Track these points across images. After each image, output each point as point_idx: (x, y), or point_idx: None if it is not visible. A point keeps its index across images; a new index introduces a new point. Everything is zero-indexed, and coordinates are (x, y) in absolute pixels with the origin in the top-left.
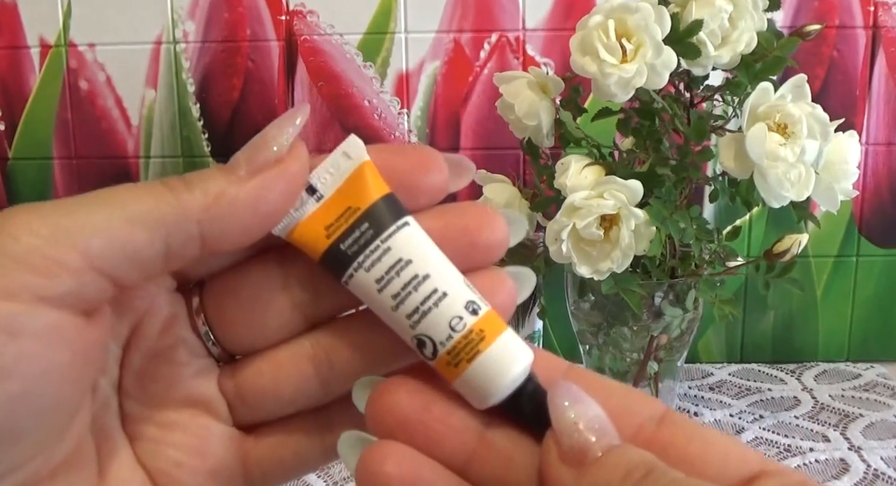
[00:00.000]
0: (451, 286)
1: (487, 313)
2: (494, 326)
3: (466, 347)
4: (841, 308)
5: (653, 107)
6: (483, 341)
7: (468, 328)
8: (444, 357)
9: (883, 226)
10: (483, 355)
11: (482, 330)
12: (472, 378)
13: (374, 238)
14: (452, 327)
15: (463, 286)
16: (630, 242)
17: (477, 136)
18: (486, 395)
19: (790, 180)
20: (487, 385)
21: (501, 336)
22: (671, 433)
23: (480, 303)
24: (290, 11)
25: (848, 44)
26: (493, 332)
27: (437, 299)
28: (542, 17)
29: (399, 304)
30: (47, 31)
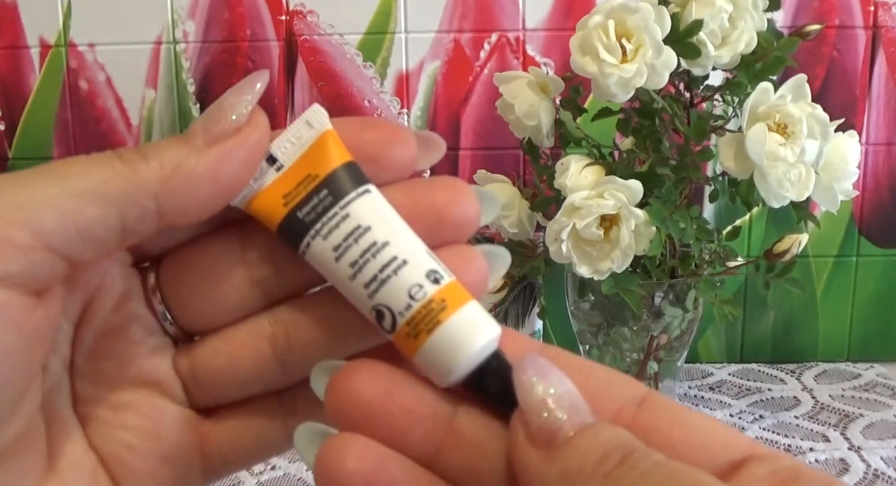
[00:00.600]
0: (411, 254)
1: (451, 283)
2: (457, 296)
3: (427, 317)
4: (841, 308)
5: (653, 107)
6: (444, 310)
7: (428, 297)
8: (404, 329)
9: (883, 226)
10: (444, 325)
11: (443, 300)
12: (432, 351)
13: (332, 205)
14: (412, 295)
15: (425, 255)
16: (630, 242)
17: (477, 136)
18: (447, 369)
19: (790, 180)
20: (449, 359)
21: (465, 307)
22: (653, 416)
23: (443, 273)
24: (290, 11)
25: (848, 44)
26: (456, 302)
27: (396, 267)
28: (542, 17)
29: (357, 273)
30: (47, 31)
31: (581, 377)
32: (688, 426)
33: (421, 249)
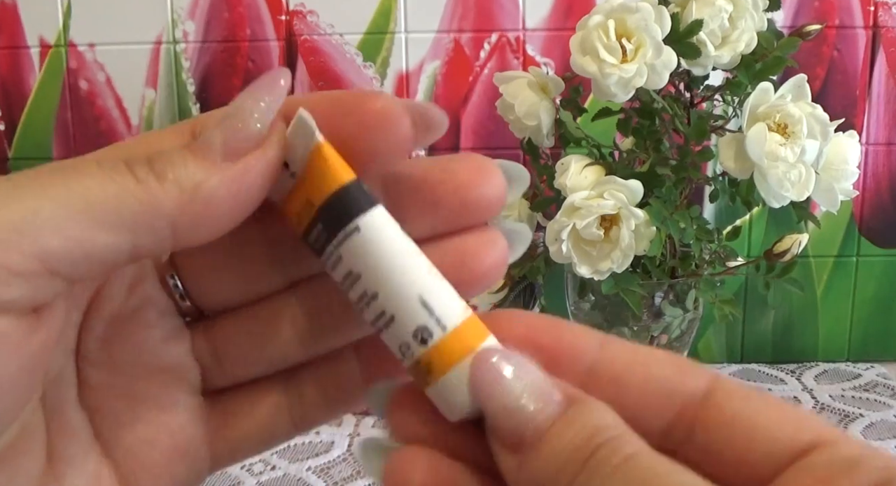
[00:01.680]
0: (400, 309)
1: (444, 338)
2: (448, 355)
3: (418, 375)
4: (841, 308)
5: (653, 107)
6: (430, 374)
7: (415, 359)
8: (407, 369)
9: (883, 226)
10: (431, 387)
11: (429, 364)
12: (433, 396)
13: (327, 243)
14: (402, 353)
15: (418, 307)
16: (630, 242)
17: (477, 136)
18: (450, 412)
19: (790, 180)
20: (446, 409)
21: (454, 369)
22: (715, 411)
23: (434, 328)
24: (290, 11)
25: (848, 44)
26: (444, 365)
27: (385, 322)
28: (542, 17)
29: (359, 313)
30: (47, 31)
31: (642, 373)
32: (752, 413)
33: (413, 298)
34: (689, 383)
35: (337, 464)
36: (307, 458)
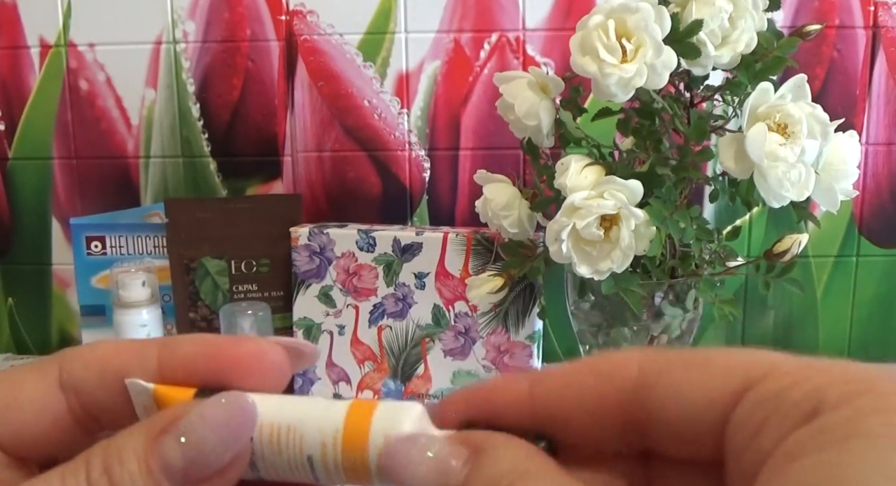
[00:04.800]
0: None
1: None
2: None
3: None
4: (841, 308)
5: (653, 107)
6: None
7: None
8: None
9: (883, 226)
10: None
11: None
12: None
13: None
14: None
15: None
16: (630, 242)
17: (477, 136)
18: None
19: (790, 180)
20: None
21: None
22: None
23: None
24: (290, 11)
25: (848, 44)
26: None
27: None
28: (542, 17)
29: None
30: (47, 31)
31: (574, 397)
32: (676, 383)
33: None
34: (616, 384)
35: None
36: None
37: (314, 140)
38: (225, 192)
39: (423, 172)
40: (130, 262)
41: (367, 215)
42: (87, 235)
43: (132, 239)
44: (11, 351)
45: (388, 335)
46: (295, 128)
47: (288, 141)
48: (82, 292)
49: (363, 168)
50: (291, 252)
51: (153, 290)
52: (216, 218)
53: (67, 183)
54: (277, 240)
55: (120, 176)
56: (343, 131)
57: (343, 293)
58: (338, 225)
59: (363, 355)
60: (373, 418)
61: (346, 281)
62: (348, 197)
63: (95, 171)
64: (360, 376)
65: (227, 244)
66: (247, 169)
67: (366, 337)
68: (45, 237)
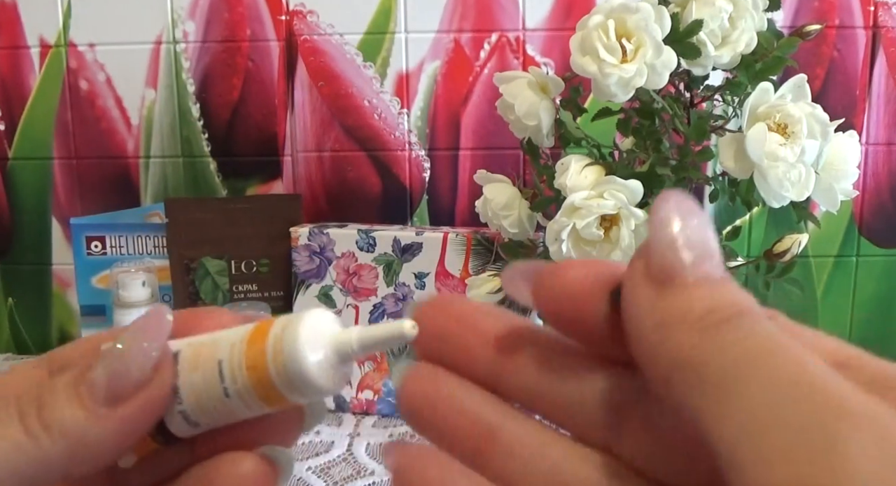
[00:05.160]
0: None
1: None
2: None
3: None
4: (841, 308)
5: (653, 107)
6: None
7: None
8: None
9: (883, 226)
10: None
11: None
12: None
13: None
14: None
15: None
16: (630, 242)
17: (477, 136)
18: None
19: (790, 180)
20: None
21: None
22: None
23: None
24: (290, 11)
25: (848, 44)
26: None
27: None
28: (542, 17)
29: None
30: (47, 31)
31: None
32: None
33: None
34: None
35: (337, 464)
36: (307, 458)
37: (314, 140)
38: (225, 192)
39: (423, 172)
40: (130, 262)
41: (367, 215)
42: (87, 235)
43: (132, 239)
44: (11, 351)
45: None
46: (295, 128)
47: (288, 141)
48: (82, 292)
49: (363, 168)
50: (291, 252)
51: (153, 290)
52: (216, 218)
53: (67, 183)
54: (277, 240)
55: (120, 176)
56: (343, 131)
57: (343, 293)
58: (338, 225)
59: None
60: (280, 317)
61: (346, 281)
62: (348, 197)
63: (95, 171)
64: (360, 376)
65: (227, 244)
66: (247, 169)
67: None
68: (45, 237)
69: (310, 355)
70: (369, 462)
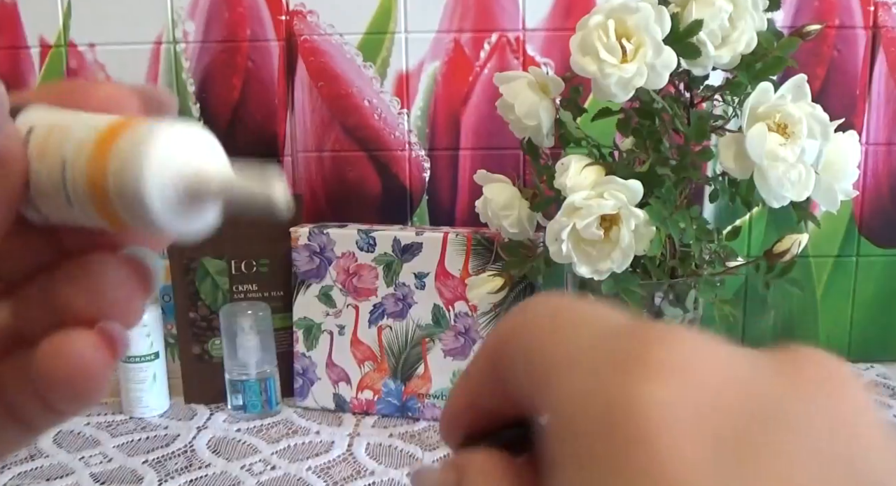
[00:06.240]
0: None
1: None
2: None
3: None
4: (841, 308)
5: (653, 107)
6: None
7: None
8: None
9: (883, 226)
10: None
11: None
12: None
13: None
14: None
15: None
16: (630, 242)
17: (477, 136)
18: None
19: (790, 180)
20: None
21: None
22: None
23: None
24: (290, 11)
25: (848, 44)
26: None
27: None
28: (542, 17)
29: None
30: (47, 31)
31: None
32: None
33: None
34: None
35: (337, 464)
36: (307, 458)
37: (314, 140)
38: None
39: (423, 172)
40: None
41: (367, 215)
42: None
43: None
44: None
45: (388, 335)
46: (295, 128)
47: (288, 141)
48: None
49: (363, 168)
50: (291, 252)
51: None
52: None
53: None
54: (277, 240)
55: None
56: (343, 131)
57: (343, 293)
58: (338, 225)
59: (363, 355)
60: (141, 123)
61: (346, 281)
62: (348, 197)
63: None
64: (360, 376)
65: (227, 244)
66: None
67: (366, 337)
68: None
69: (152, 181)
70: (369, 462)
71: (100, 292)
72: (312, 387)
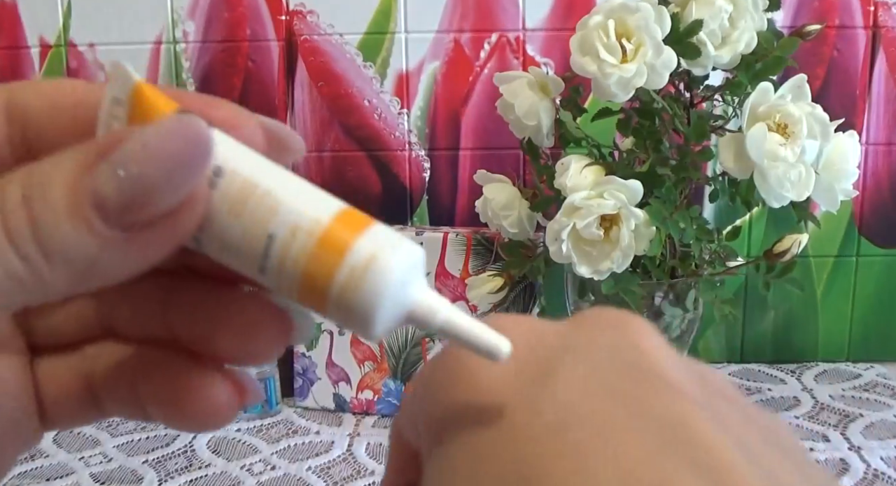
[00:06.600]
0: (288, 203)
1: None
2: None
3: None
4: (841, 308)
5: (653, 107)
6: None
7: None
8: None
9: (883, 226)
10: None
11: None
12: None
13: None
14: (271, 251)
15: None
16: (630, 242)
17: (477, 136)
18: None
19: (790, 180)
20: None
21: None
22: None
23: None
24: (290, 11)
25: (848, 44)
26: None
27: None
28: (542, 17)
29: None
30: (47, 31)
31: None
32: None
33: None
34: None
35: (337, 464)
36: (307, 458)
37: (314, 140)
38: None
39: (423, 172)
40: None
41: None
42: None
43: None
44: None
45: (388, 335)
46: (295, 128)
47: None
48: None
49: (363, 168)
50: None
51: None
52: None
53: None
54: None
55: None
56: (343, 131)
57: None
58: None
59: (363, 355)
60: (366, 231)
61: None
62: (348, 197)
63: None
64: (360, 376)
65: None
66: None
67: None
68: None
69: (386, 308)
70: (369, 462)
71: (251, 340)
72: (312, 387)
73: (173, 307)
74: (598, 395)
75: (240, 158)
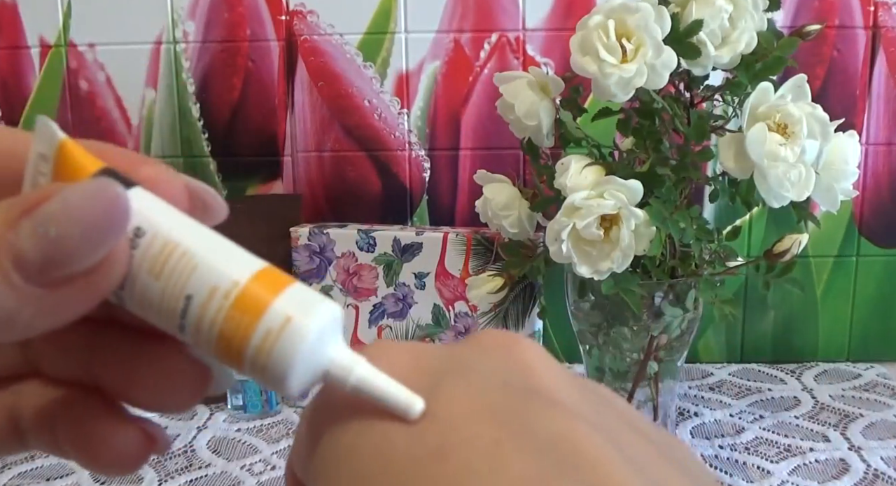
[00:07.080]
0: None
1: (242, 291)
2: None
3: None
4: (841, 308)
5: (653, 107)
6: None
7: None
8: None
9: (883, 226)
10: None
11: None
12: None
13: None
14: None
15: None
16: (630, 242)
17: (477, 136)
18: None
19: (790, 180)
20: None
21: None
22: None
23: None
24: (290, 11)
25: (848, 44)
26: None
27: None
28: (542, 17)
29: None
30: (47, 31)
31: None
32: None
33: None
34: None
35: None
36: None
37: (314, 140)
38: (225, 192)
39: (423, 172)
40: None
41: (367, 215)
42: None
43: None
44: None
45: (389, 335)
46: (295, 128)
47: (288, 141)
48: None
49: (363, 168)
50: (291, 252)
51: None
52: None
53: None
54: (277, 240)
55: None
56: (343, 131)
57: (343, 293)
58: (338, 225)
59: None
60: (283, 293)
61: (346, 281)
62: (348, 197)
63: None
64: None
65: None
66: (247, 169)
67: (366, 337)
68: None
69: (300, 370)
70: None
71: (166, 392)
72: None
73: (97, 354)
74: (479, 415)
75: (161, 218)
